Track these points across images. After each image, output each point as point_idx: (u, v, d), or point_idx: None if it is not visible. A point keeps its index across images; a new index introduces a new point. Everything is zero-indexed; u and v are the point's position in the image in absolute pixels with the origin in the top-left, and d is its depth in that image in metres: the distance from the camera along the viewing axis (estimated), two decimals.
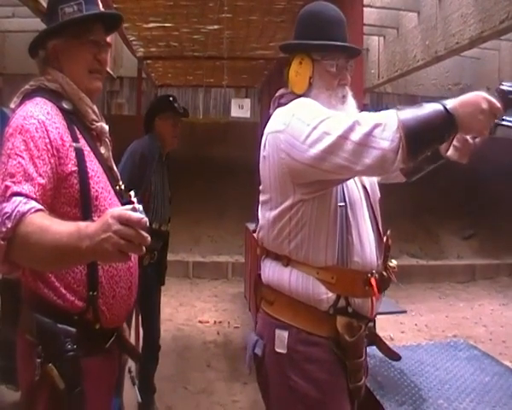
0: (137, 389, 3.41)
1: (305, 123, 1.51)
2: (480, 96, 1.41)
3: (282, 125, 1.58)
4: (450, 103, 1.41)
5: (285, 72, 1.75)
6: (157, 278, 3.39)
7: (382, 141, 1.40)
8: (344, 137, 1.44)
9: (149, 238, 1.16)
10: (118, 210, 1.18)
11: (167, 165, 3.47)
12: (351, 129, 1.43)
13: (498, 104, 1.41)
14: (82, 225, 1.21)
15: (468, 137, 1.59)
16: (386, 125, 1.41)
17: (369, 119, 1.44)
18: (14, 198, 1.26)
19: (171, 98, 3.50)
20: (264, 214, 1.68)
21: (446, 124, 1.41)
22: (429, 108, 1.42)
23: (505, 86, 1.46)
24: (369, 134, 1.42)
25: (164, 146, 3.40)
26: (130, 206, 1.16)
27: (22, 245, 1.22)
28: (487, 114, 1.40)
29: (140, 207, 1.15)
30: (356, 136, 1.43)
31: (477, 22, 3.71)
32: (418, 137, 1.41)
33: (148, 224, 1.14)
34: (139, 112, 4.74)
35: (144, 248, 1.17)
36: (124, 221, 1.13)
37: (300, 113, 1.56)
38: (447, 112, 1.40)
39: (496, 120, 1.45)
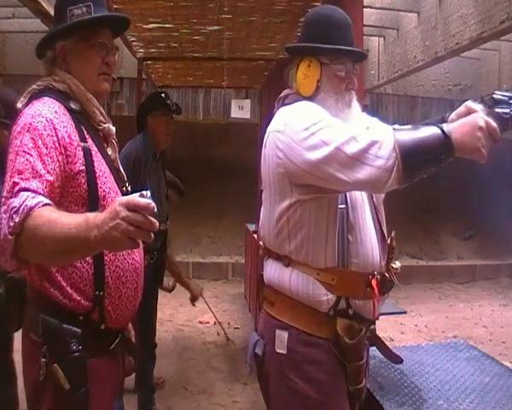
0: (137, 389, 3.41)
1: (303, 127, 1.52)
2: (476, 116, 1.41)
3: (282, 126, 1.58)
4: (448, 126, 1.42)
5: (285, 72, 1.75)
6: (155, 278, 3.37)
7: (378, 159, 1.41)
8: (340, 149, 1.44)
9: (158, 224, 1.15)
10: (125, 197, 1.17)
11: (162, 162, 3.43)
12: (347, 143, 1.44)
13: (495, 124, 1.41)
14: (90, 215, 1.21)
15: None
16: (383, 143, 1.41)
17: (366, 135, 1.44)
18: (22, 193, 1.26)
19: (162, 95, 3.43)
20: (264, 213, 1.69)
21: (443, 146, 1.41)
22: (426, 130, 1.42)
23: (500, 109, 1.46)
24: (364, 151, 1.42)
25: (157, 145, 3.35)
26: (137, 193, 1.15)
27: (30, 239, 1.22)
28: (485, 132, 1.39)
29: (148, 193, 1.14)
30: (351, 150, 1.43)
31: (477, 23, 3.72)
32: (414, 159, 1.41)
33: (156, 209, 1.14)
34: None
35: (152, 235, 1.16)
36: (132, 207, 1.13)
37: (301, 116, 1.56)
38: (444, 134, 1.40)
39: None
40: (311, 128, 1.50)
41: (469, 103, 1.49)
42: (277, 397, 1.64)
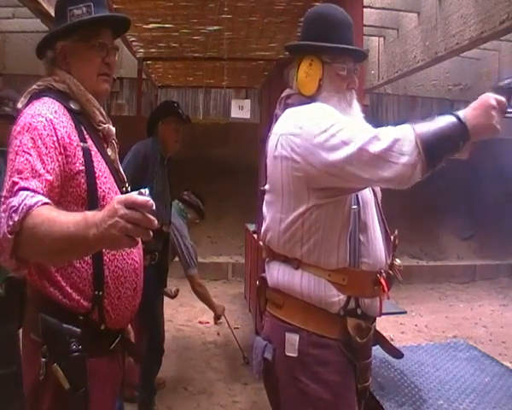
0: (139, 389, 3.41)
1: (322, 129, 1.51)
2: (486, 96, 1.45)
3: (298, 129, 1.56)
4: (461, 113, 1.45)
5: (285, 72, 1.75)
6: (158, 279, 3.39)
7: (402, 156, 1.42)
8: (363, 149, 1.44)
9: (156, 222, 1.14)
10: (124, 195, 1.17)
11: (168, 169, 3.50)
12: (370, 142, 1.44)
13: (503, 99, 1.45)
14: (89, 214, 1.21)
15: None
16: (405, 140, 1.43)
17: (387, 133, 1.45)
18: (21, 192, 1.26)
19: (175, 104, 3.58)
20: (274, 216, 1.66)
21: (461, 133, 1.44)
22: (442, 121, 1.45)
23: (503, 82, 1.52)
24: (388, 149, 1.43)
25: (166, 150, 3.44)
26: (136, 191, 1.15)
27: (30, 237, 1.22)
28: (497, 109, 1.43)
29: (146, 191, 1.14)
30: (375, 149, 1.43)
31: (477, 23, 3.71)
32: (435, 149, 1.43)
33: (154, 207, 1.13)
34: (139, 113, 4.75)
35: (151, 233, 1.16)
36: (130, 205, 1.12)
37: (317, 118, 1.55)
38: (460, 121, 1.43)
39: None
40: (331, 130, 1.49)
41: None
42: (288, 401, 1.63)
